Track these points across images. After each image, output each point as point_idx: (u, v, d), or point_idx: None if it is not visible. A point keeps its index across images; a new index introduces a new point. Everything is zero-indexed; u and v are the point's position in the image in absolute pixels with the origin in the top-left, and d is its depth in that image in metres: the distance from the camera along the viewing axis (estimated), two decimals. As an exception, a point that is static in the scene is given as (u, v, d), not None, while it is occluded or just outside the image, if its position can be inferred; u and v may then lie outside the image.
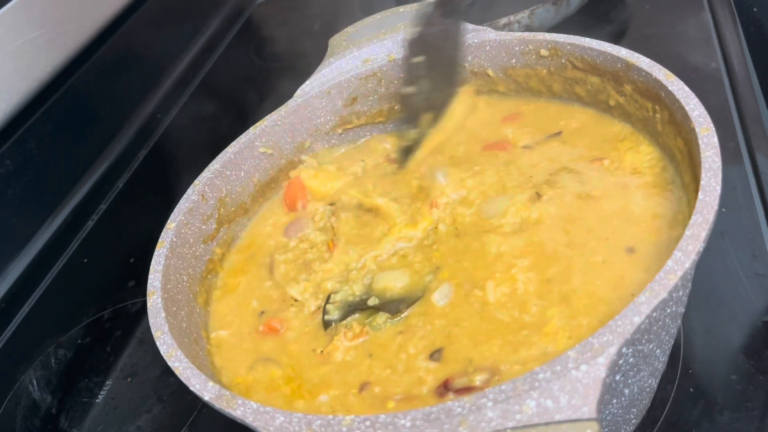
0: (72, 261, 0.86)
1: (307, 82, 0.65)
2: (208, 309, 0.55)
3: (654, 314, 0.34)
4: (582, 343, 0.33)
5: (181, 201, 0.57)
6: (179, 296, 0.51)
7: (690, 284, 0.45)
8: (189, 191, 0.57)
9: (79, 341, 0.74)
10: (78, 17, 0.94)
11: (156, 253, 0.52)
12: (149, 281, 0.49)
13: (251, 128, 0.63)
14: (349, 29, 0.68)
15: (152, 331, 0.45)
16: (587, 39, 0.56)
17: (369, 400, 0.43)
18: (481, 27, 0.63)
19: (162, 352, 0.44)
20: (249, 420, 0.37)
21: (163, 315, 0.46)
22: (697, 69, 0.83)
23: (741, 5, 0.95)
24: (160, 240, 0.53)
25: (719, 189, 0.39)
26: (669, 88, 0.48)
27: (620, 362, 0.37)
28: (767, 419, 0.49)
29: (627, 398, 0.43)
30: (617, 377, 0.39)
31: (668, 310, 0.39)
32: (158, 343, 0.44)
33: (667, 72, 0.49)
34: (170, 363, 0.43)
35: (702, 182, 0.40)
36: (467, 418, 0.32)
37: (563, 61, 0.58)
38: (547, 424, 0.31)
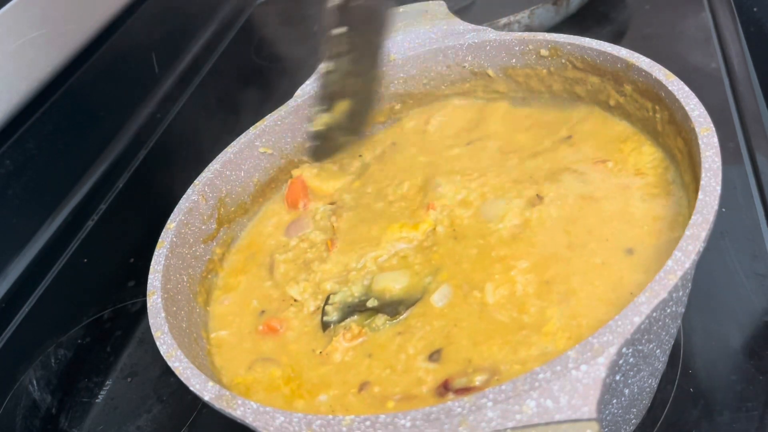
0: (72, 261, 0.86)
1: (307, 82, 0.65)
2: (208, 309, 0.55)
3: (654, 314, 0.34)
4: (582, 343, 0.33)
5: (181, 201, 0.57)
6: (179, 296, 0.51)
7: (690, 284, 0.45)
8: (189, 191, 0.58)
9: (79, 341, 0.74)
10: (78, 17, 0.94)
11: (156, 253, 0.52)
12: (149, 281, 0.49)
13: (251, 128, 0.63)
14: (349, 29, 0.68)
15: (152, 331, 0.45)
16: (587, 39, 0.56)
17: (368, 400, 0.43)
18: (481, 27, 0.63)
19: (162, 352, 0.44)
20: (249, 420, 0.37)
21: (163, 315, 0.46)
22: (697, 69, 0.83)
23: (741, 5, 0.95)
24: (160, 240, 0.53)
25: (719, 189, 0.39)
26: (669, 88, 0.48)
27: (620, 362, 0.37)
28: (767, 419, 0.49)
29: (627, 398, 0.43)
30: (617, 377, 0.39)
31: (668, 310, 0.39)
32: (158, 343, 0.44)
33: (667, 72, 0.49)
34: (170, 363, 0.43)
35: (702, 182, 0.40)
36: (467, 418, 0.32)
37: (563, 61, 0.58)
38: (547, 424, 0.31)
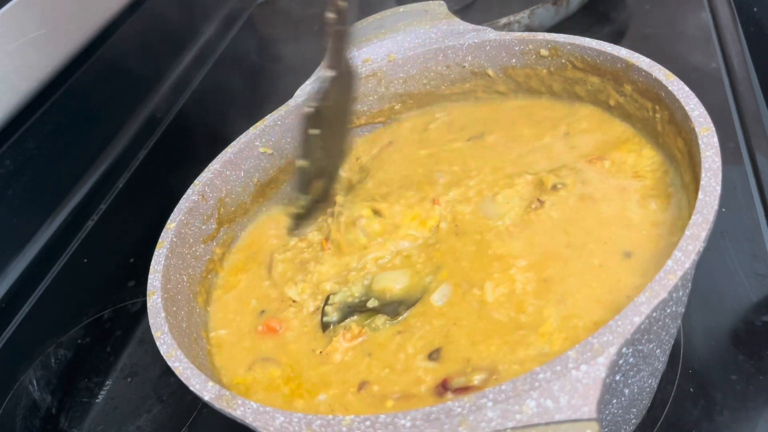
0: (72, 261, 0.86)
1: (307, 82, 0.65)
2: (208, 309, 0.55)
3: (654, 314, 0.34)
4: (582, 343, 0.33)
5: (181, 201, 0.57)
6: (179, 296, 0.51)
7: (690, 284, 0.45)
8: (189, 191, 0.57)
9: (79, 341, 0.74)
10: (78, 17, 0.94)
11: (156, 253, 0.52)
12: (149, 281, 0.49)
13: (251, 128, 0.63)
14: (349, 29, 0.68)
15: (152, 331, 0.45)
16: (587, 39, 0.56)
17: (368, 399, 0.43)
18: (481, 27, 0.63)
19: (162, 352, 0.44)
20: (249, 420, 0.37)
21: (163, 315, 0.46)
22: (697, 69, 0.83)
23: (741, 5, 0.95)
24: (160, 240, 0.53)
25: (719, 189, 0.39)
26: (669, 88, 0.48)
27: (620, 362, 0.37)
28: (767, 419, 0.49)
29: (627, 398, 0.43)
30: (617, 377, 0.39)
31: (668, 310, 0.39)
32: (158, 343, 0.44)
33: (667, 72, 0.49)
34: (170, 363, 0.43)
35: (702, 182, 0.40)
36: (467, 418, 0.32)
37: (563, 61, 0.58)
38: (547, 424, 0.31)
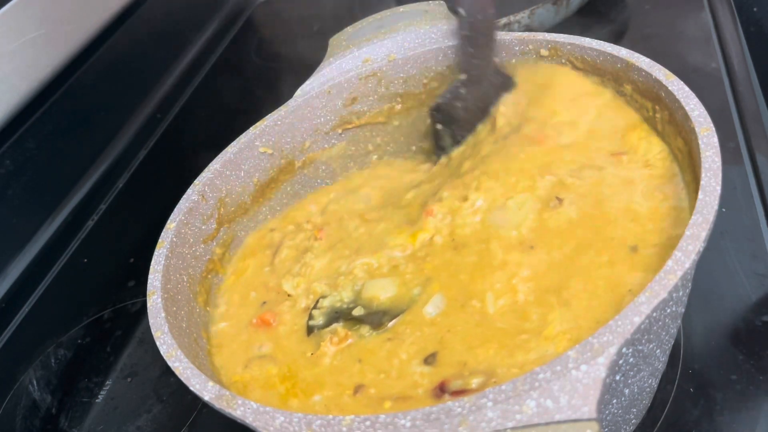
0: (72, 261, 0.86)
1: (307, 82, 0.65)
2: (208, 309, 0.55)
3: (654, 314, 0.34)
4: (582, 343, 0.33)
5: (181, 201, 0.57)
6: (179, 296, 0.51)
7: (690, 284, 0.45)
8: (189, 191, 0.57)
9: (79, 341, 0.74)
10: (78, 17, 0.94)
11: (156, 253, 0.52)
12: (149, 281, 0.49)
13: (251, 128, 0.63)
14: (349, 29, 0.68)
15: (152, 331, 0.45)
16: (587, 39, 0.56)
17: (364, 401, 0.43)
18: (482, 27, 0.63)
19: (162, 352, 0.44)
20: (249, 420, 0.37)
21: (163, 315, 0.46)
22: (697, 69, 0.83)
23: (741, 5, 0.95)
24: (160, 240, 0.53)
25: (719, 189, 0.39)
26: (669, 88, 0.48)
27: (620, 362, 0.37)
28: (767, 419, 0.49)
29: (627, 398, 0.43)
30: (617, 377, 0.39)
31: (668, 310, 0.39)
32: (158, 343, 0.44)
33: (667, 72, 0.49)
34: (170, 363, 0.43)
35: (702, 182, 0.40)
36: (467, 418, 0.32)
37: (563, 61, 0.58)
38: (547, 424, 0.31)
